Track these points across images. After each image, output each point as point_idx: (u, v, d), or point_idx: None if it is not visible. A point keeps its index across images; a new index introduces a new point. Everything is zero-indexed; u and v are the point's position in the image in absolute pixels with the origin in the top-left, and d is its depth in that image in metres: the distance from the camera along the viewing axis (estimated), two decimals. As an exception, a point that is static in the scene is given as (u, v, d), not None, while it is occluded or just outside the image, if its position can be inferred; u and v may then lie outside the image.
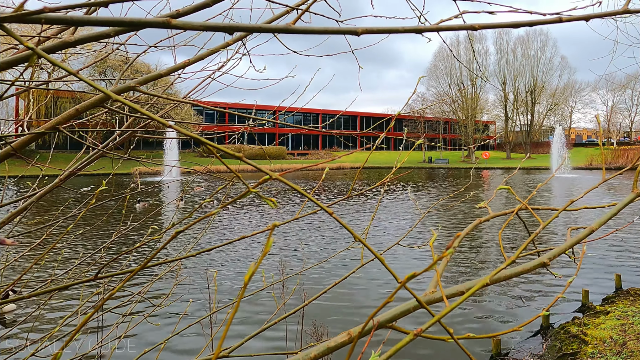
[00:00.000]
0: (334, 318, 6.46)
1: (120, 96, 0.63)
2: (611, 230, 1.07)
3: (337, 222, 0.62)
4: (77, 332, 0.82)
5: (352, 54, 1.67)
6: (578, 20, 0.68)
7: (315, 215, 15.07)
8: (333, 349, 0.80)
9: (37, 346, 1.82)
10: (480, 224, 1.08)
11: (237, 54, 1.80)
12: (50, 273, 6.45)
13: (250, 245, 10.96)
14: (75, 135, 1.26)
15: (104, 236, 11.62)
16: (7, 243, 0.63)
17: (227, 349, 1.17)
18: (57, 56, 3.87)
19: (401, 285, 0.60)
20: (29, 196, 1.59)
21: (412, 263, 9.40)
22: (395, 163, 1.34)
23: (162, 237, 1.31)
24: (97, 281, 1.24)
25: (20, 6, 0.57)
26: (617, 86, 71.85)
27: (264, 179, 0.61)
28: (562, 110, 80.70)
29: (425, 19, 1.61)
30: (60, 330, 5.18)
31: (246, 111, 1.85)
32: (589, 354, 5.01)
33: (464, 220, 15.12)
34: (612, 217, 0.90)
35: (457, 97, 67.95)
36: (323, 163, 1.02)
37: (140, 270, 0.82)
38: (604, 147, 69.97)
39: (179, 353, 5.26)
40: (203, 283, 7.66)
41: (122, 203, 14.20)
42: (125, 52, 1.87)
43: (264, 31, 0.67)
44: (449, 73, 70.58)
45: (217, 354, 0.51)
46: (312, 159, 62.44)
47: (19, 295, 1.28)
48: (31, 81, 1.71)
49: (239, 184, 15.14)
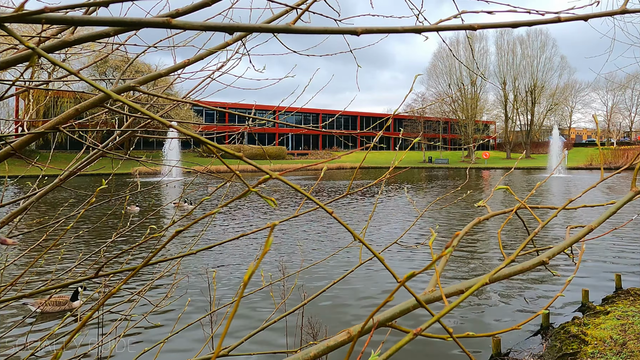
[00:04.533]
0: (333, 317, 6.46)
1: (120, 96, 0.63)
2: (610, 229, 1.07)
3: (337, 221, 0.63)
4: (77, 331, 0.82)
5: (347, 54, 1.67)
6: (577, 20, 0.69)
7: (315, 215, 15.07)
8: (333, 348, 0.80)
9: (37, 346, 1.82)
10: (480, 222, 1.09)
11: (237, 54, 1.80)
12: (51, 272, 6.44)
13: (250, 245, 10.96)
14: (75, 135, 1.26)
15: (104, 236, 11.62)
16: (8, 243, 0.63)
17: (227, 347, 1.17)
18: (57, 56, 3.86)
19: (400, 284, 0.60)
20: (29, 196, 1.59)
21: (411, 262, 9.40)
22: (393, 162, 1.34)
23: (163, 235, 1.31)
24: (97, 280, 1.24)
25: (20, 6, 0.57)
26: (617, 86, 71.86)
27: (264, 179, 0.61)
28: (562, 110, 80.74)
29: (425, 18, 1.61)
30: (60, 331, 5.18)
31: (246, 111, 1.85)
32: (589, 354, 5.01)
33: (464, 219, 15.12)
34: (611, 216, 0.90)
35: (457, 97, 67.97)
36: (323, 163, 1.02)
37: (141, 268, 0.82)
38: (604, 147, 70.01)
39: (178, 352, 5.26)
40: (203, 282, 7.66)
41: (121, 204, 14.16)
42: (125, 52, 1.87)
43: (264, 31, 0.67)
44: (449, 73, 70.61)
45: (217, 353, 0.51)
46: (312, 159, 62.43)
47: (19, 294, 1.28)
48: (31, 81, 1.71)
49: (239, 184, 15.15)
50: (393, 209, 17.92)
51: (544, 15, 0.77)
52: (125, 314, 2.31)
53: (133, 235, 11.32)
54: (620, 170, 1.06)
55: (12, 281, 1.49)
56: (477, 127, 70.93)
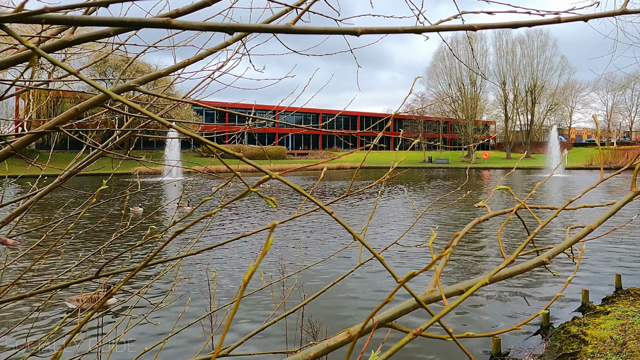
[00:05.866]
0: (333, 317, 6.46)
1: (120, 96, 0.63)
2: (610, 229, 1.07)
3: (337, 221, 0.63)
4: (77, 331, 0.82)
5: (345, 54, 1.67)
6: (577, 21, 0.69)
7: (315, 215, 15.07)
8: (333, 348, 0.80)
9: (37, 346, 1.82)
10: (480, 223, 1.09)
11: (237, 54, 1.80)
12: (51, 272, 6.44)
13: (250, 244, 10.96)
14: (75, 135, 1.26)
15: (104, 236, 11.62)
16: (8, 243, 0.63)
17: (227, 348, 1.17)
18: (57, 56, 3.86)
19: (400, 284, 0.60)
20: (29, 196, 1.59)
21: (411, 262, 9.40)
22: (393, 162, 1.34)
23: (163, 235, 1.32)
24: (97, 280, 1.24)
25: (20, 6, 0.57)
26: (617, 86, 71.88)
27: (264, 179, 0.61)
28: (562, 110, 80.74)
29: (425, 18, 1.61)
30: (60, 331, 5.18)
31: (246, 111, 1.85)
32: (589, 353, 5.01)
33: (463, 219, 15.12)
34: (611, 216, 0.90)
35: (457, 97, 67.98)
36: (323, 163, 1.02)
37: (140, 269, 0.82)
38: (604, 147, 70.01)
39: (178, 352, 5.26)
40: (203, 282, 7.66)
41: (122, 204, 14.16)
42: (125, 52, 1.87)
43: (264, 31, 0.67)
44: (449, 73, 70.62)
45: (217, 353, 0.51)
46: (312, 159, 62.44)
47: (19, 294, 1.28)
48: (31, 81, 1.71)
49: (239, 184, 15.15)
50: (393, 209, 17.92)
51: (544, 15, 0.77)
52: (125, 314, 2.31)
53: (134, 235, 11.32)
54: (620, 170, 1.06)
55: (13, 281, 1.49)
56: (477, 127, 70.92)
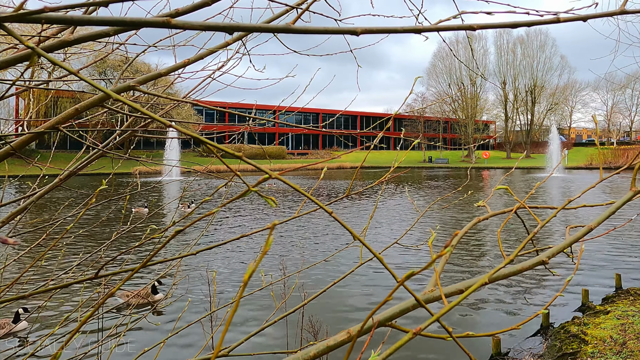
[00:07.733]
0: (333, 317, 6.46)
1: (120, 95, 0.63)
2: (610, 229, 1.07)
3: (337, 221, 0.63)
4: (77, 331, 0.82)
5: (343, 55, 1.67)
6: (576, 21, 0.69)
7: (315, 214, 15.07)
8: (332, 348, 0.80)
9: (36, 346, 1.82)
10: (479, 222, 1.09)
11: (237, 54, 1.80)
12: (51, 272, 6.44)
13: (250, 245, 10.96)
14: (75, 135, 1.26)
15: (104, 236, 11.62)
16: (9, 243, 0.63)
17: (227, 347, 1.17)
18: (57, 56, 3.86)
19: (400, 284, 0.60)
20: (29, 196, 1.59)
21: (411, 262, 9.40)
22: (393, 162, 1.34)
23: (163, 235, 1.31)
24: (97, 280, 1.24)
25: (20, 6, 0.57)
26: (617, 86, 71.87)
27: (264, 178, 0.62)
28: (562, 109, 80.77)
29: (425, 17, 1.61)
30: (60, 331, 5.18)
31: (246, 111, 1.86)
32: (589, 353, 5.01)
33: (463, 219, 15.12)
34: (611, 216, 0.90)
35: (457, 97, 68.01)
36: (323, 163, 1.02)
37: (140, 268, 0.82)
38: (604, 147, 70.02)
39: (178, 352, 5.26)
40: (203, 282, 7.66)
41: (121, 204, 14.15)
42: (125, 51, 1.87)
43: (264, 31, 0.67)
44: (449, 73, 70.67)
45: (217, 353, 0.51)
46: (312, 159, 62.44)
47: (19, 294, 1.28)
48: (31, 81, 1.71)
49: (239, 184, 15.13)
50: (393, 209, 17.92)
51: (543, 16, 0.77)
52: (126, 314, 2.31)
53: (135, 235, 11.32)
54: (620, 170, 1.06)
55: (13, 281, 1.49)
56: (477, 126, 70.95)
